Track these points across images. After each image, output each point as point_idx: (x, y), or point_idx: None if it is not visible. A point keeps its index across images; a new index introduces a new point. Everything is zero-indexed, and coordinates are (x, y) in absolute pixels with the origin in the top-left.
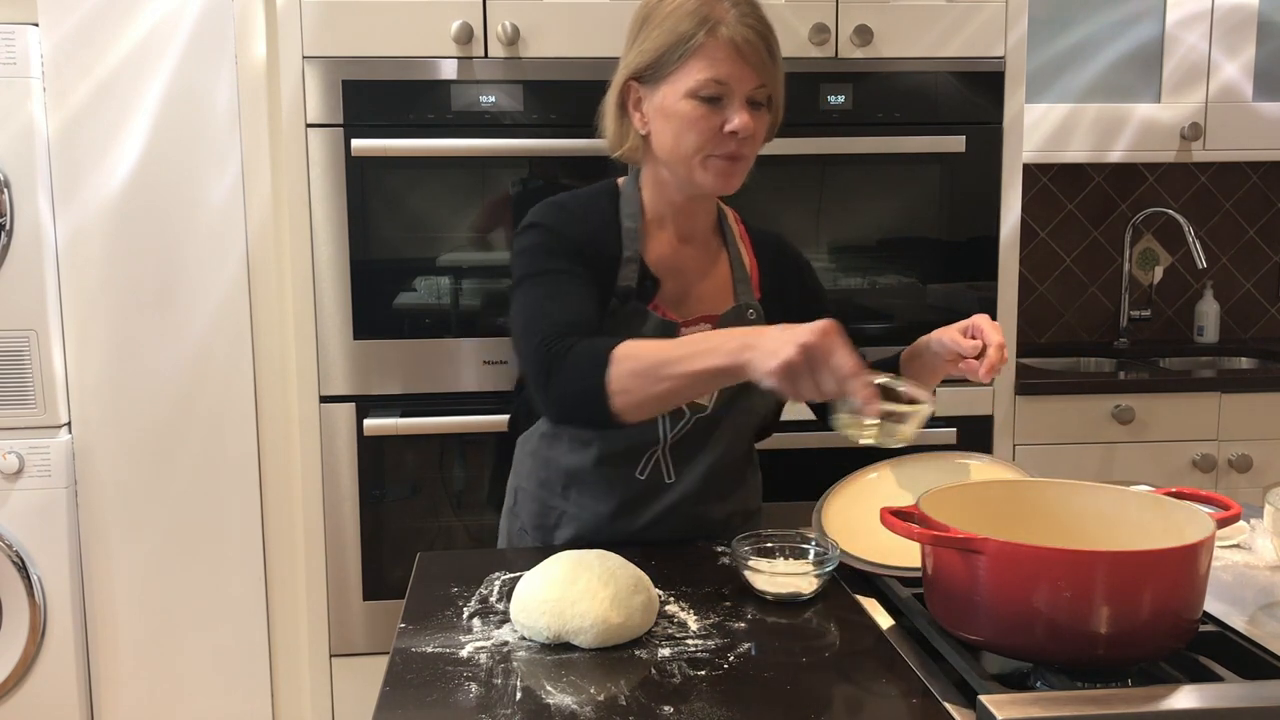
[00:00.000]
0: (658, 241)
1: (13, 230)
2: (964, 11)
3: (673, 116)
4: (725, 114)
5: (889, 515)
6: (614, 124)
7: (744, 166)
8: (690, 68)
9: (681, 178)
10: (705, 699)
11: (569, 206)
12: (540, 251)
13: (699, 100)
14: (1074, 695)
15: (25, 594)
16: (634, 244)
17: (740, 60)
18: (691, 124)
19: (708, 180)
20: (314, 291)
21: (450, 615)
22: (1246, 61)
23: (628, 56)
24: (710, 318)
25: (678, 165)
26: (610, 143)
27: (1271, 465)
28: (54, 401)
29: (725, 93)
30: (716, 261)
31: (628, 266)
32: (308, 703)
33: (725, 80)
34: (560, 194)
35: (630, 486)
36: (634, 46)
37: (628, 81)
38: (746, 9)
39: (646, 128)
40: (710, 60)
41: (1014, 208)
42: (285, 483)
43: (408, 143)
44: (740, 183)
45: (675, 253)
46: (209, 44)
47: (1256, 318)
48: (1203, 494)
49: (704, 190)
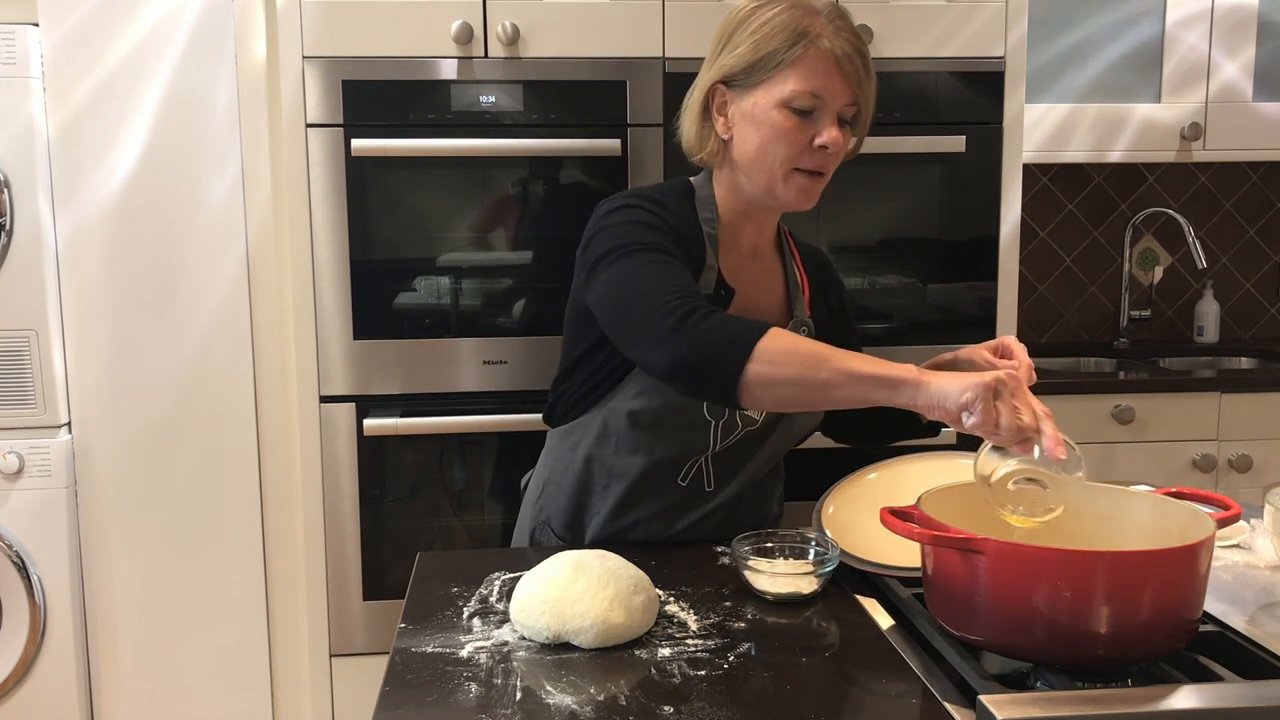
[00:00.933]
0: (730, 250)
1: (13, 230)
2: (964, 11)
3: (762, 124)
4: (816, 127)
5: (889, 515)
6: (695, 126)
7: (823, 184)
8: (786, 77)
9: (760, 188)
10: (705, 699)
11: (660, 200)
12: (644, 227)
13: (791, 111)
14: (1074, 695)
15: (25, 594)
16: (714, 249)
17: (838, 74)
18: (782, 134)
19: (788, 196)
20: (314, 291)
21: (450, 615)
22: (1246, 61)
23: (719, 59)
24: None
25: (759, 175)
26: (689, 145)
27: (1271, 465)
28: (54, 401)
29: (819, 106)
30: (775, 275)
31: (707, 273)
32: (308, 703)
33: (820, 94)
34: (638, 187)
35: (672, 493)
36: (725, 50)
37: (715, 84)
38: (843, 25)
39: (730, 133)
40: (808, 71)
41: (1014, 208)
42: (285, 483)
43: (408, 143)
44: (816, 200)
45: (744, 263)
46: (209, 44)
47: (1256, 318)
48: (1203, 494)
49: (781, 205)
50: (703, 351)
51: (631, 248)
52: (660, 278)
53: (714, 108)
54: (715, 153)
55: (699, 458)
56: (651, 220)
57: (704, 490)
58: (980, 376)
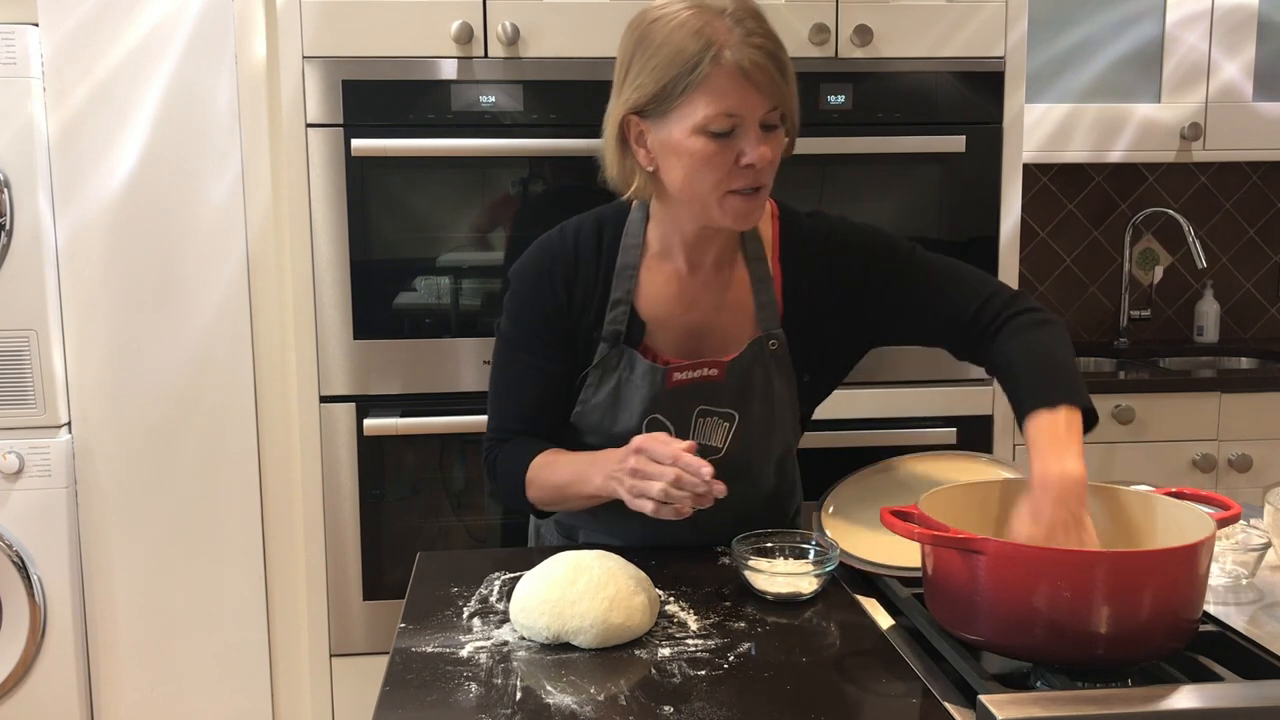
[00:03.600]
0: (659, 275)
1: (13, 230)
2: (964, 11)
3: (683, 154)
4: (739, 145)
5: (889, 515)
6: (616, 162)
7: (764, 197)
8: (696, 101)
9: (697, 216)
10: (705, 699)
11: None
12: (511, 318)
13: (709, 136)
14: (1074, 695)
15: (25, 594)
16: (626, 284)
17: (750, 87)
18: (704, 161)
19: (726, 220)
20: (314, 291)
21: (450, 615)
22: (1246, 61)
23: (624, 89)
24: (715, 363)
25: (693, 204)
26: (614, 183)
27: (1271, 465)
28: (54, 401)
29: (737, 124)
30: (733, 287)
31: (617, 308)
32: (308, 703)
33: (735, 111)
34: (568, 221)
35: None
36: (629, 77)
37: (627, 116)
38: (751, 24)
39: (653, 164)
40: (717, 92)
41: (1014, 208)
42: (285, 483)
43: (408, 143)
44: (761, 215)
45: (681, 287)
46: (209, 44)
47: (1256, 318)
48: (1203, 494)
49: (722, 227)
50: (502, 493)
51: (500, 339)
52: (492, 408)
53: (631, 140)
54: (644, 186)
55: None
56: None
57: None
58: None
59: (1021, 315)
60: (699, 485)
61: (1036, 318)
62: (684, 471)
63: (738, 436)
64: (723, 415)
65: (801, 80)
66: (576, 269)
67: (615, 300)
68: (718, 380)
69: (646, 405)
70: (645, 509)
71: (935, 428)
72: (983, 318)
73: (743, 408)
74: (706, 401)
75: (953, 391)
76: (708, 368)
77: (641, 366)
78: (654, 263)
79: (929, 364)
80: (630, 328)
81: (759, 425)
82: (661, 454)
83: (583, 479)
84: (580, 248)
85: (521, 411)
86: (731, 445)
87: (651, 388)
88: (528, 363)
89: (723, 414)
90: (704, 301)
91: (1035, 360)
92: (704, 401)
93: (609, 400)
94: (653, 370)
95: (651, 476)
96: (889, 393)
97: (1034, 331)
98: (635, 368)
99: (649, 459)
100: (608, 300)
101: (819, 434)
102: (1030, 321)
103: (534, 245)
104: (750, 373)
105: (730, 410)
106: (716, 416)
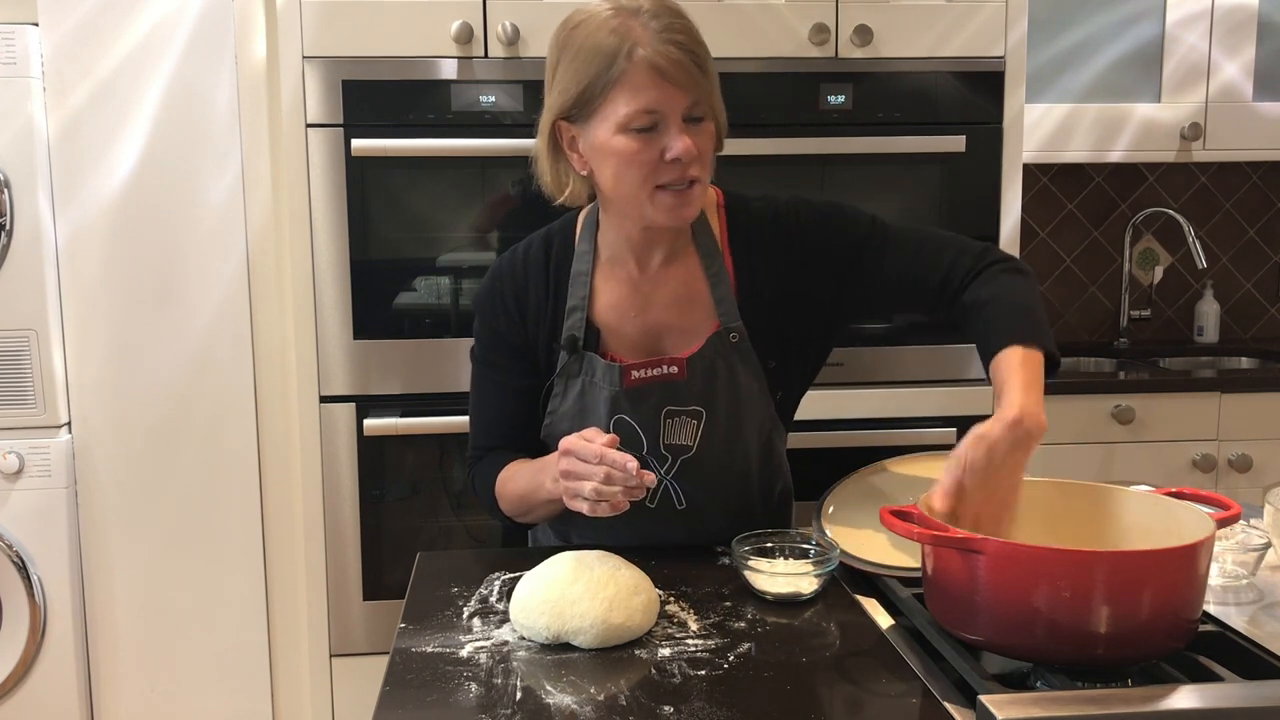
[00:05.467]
0: (611, 280)
1: (13, 230)
2: (964, 11)
3: (609, 154)
4: (662, 140)
5: (889, 515)
6: (549, 169)
7: (698, 191)
8: (615, 99)
9: (633, 216)
10: (705, 699)
11: (509, 269)
12: (477, 345)
13: (632, 133)
14: (1074, 695)
15: (25, 594)
16: (581, 291)
17: (665, 83)
18: (629, 159)
19: (660, 217)
20: (314, 291)
21: (450, 615)
22: (1246, 61)
23: (550, 96)
24: (675, 360)
25: (625, 204)
26: (549, 190)
27: (1271, 465)
28: (54, 401)
29: (658, 120)
30: (687, 282)
31: (573, 315)
32: (308, 703)
33: (654, 108)
34: (516, 246)
35: (642, 512)
36: (555, 82)
37: (556, 122)
38: (666, 19)
39: (586, 168)
40: (634, 88)
41: (1014, 208)
42: (285, 483)
43: (408, 143)
44: (697, 210)
45: (634, 289)
46: (209, 44)
47: (1256, 318)
48: (1203, 494)
49: (659, 225)
50: (484, 507)
51: (472, 360)
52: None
53: (564, 145)
54: (579, 192)
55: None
56: (479, 332)
57: (676, 509)
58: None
59: (991, 266)
60: (628, 479)
61: (1003, 267)
62: (611, 468)
63: (707, 433)
64: (690, 413)
65: (802, 80)
66: (527, 285)
67: (571, 307)
68: (680, 379)
69: (609, 407)
70: (582, 509)
71: (935, 428)
72: (954, 276)
73: (709, 404)
74: (672, 402)
75: (953, 391)
76: (668, 365)
77: (600, 367)
78: (606, 268)
79: (929, 364)
80: (587, 334)
81: (727, 420)
82: (587, 453)
83: (536, 486)
84: (529, 264)
85: (495, 429)
86: (702, 442)
87: (611, 387)
88: (496, 380)
89: (690, 412)
90: (658, 301)
91: (1001, 306)
92: (670, 402)
93: (575, 408)
94: (610, 369)
95: (581, 476)
96: (889, 393)
97: (1000, 279)
98: (595, 371)
99: (577, 459)
100: (562, 310)
101: (819, 434)
102: (998, 270)
103: (488, 270)
104: (713, 368)
105: (697, 408)
106: (684, 415)
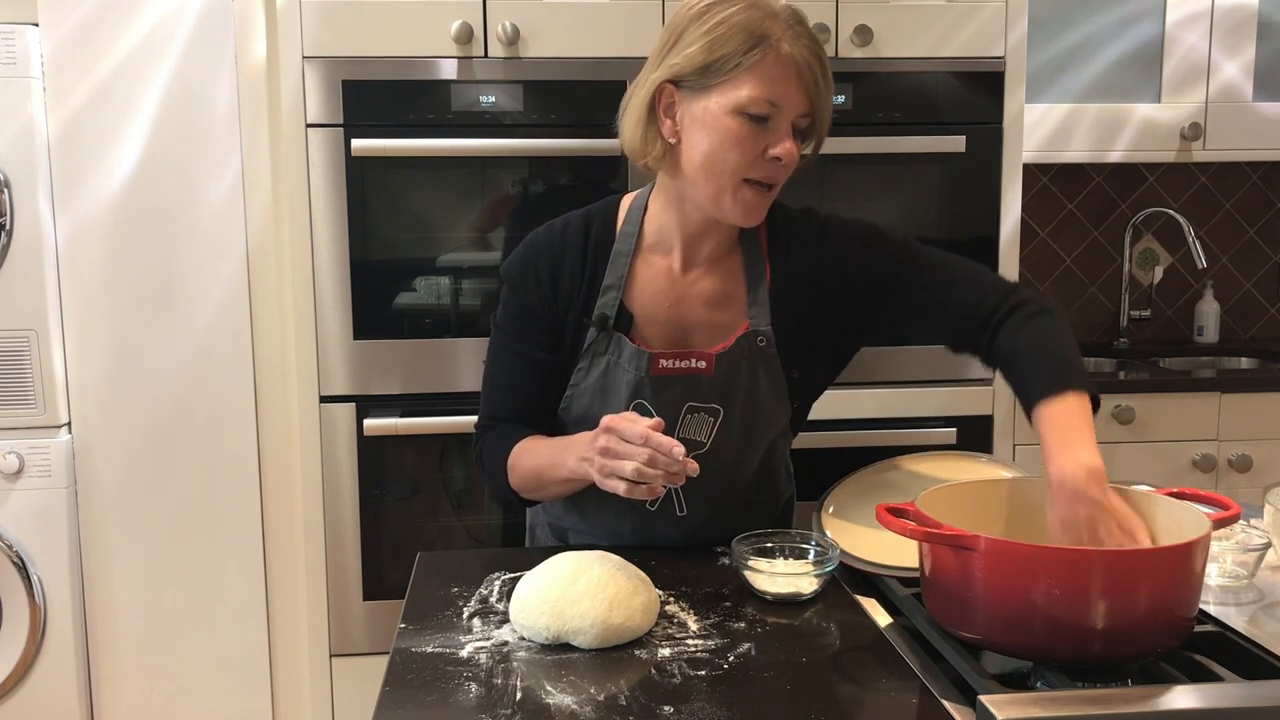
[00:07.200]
0: (650, 269)
1: (13, 230)
2: (964, 11)
3: (714, 130)
4: (771, 137)
5: (885, 512)
6: (638, 128)
7: (773, 197)
8: (743, 82)
9: (707, 198)
10: (705, 699)
11: (546, 241)
12: (503, 315)
13: (747, 118)
14: (1074, 695)
15: (25, 594)
16: (619, 270)
17: (797, 82)
18: (735, 142)
19: (735, 210)
20: (314, 291)
21: (450, 615)
22: (1246, 61)
23: (668, 57)
24: (704, 355)
25: (707, 184)
26: (631, 149)
27: (1271, 465)
28: (54, 401)
29: (775, 114)
30: (729, 281)
31: (608, 294)
32: (308, 703)
33: (778, 101)
34: (552, 221)
35: (640, 516)
36: (676, 48)
37: (663, 84)
38: (802, 30)
39: (677, 136)
40: (766, 77)
41: (1014, 208)
42: (285, 483)
43: (408, 143)
44: (765, 214)
45: (671, 283)
46: (209, 44)
47: (1256, 318)
48: (1203, 494)
49: (726, 219)
50: (488, 479)
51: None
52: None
53: (660, 108)
54: (660, 157)
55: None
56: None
57: (676, 514)
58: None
59: (1020, 308)
60: (672, 464)
61: (1033, 309)
62: (655, 451)
63: (722, 432)
64: (709, 410)
65: None
66: (562, 260)
67: (607, 286)
68: (706, 374)
69: (632, 391)
70: (618, 489)
71: (935, 428)
72: (981, 314)
73: (727, 403)
74: (694, 397)
75: (953, 391)
76: (696, 359)
77: (629, 350)
78: (647, 255)
79: (929, 364)
80: (619, 316)
81: (742, 421)
82: (631, 433)
83: (557, 463)
84: (567, 239)
85: (511, 400)
86: (716, 440)
87: (637, 372)
88: (518, 352)
89: (709, 409)
90: (694, 297)
91: (1036, 351)
92: (692, 397)
93: (597, 385)
94: (638, 354)
95: (623, 456)
96: (889, 393)
97: (1032, 322)
98: (623, 352)
99: (619, 439)
100: (597, 287)
101: (819, 434)
102: (1028, 313)
103: (522, 241)
104: (736, 367)
105: (715, 405)
106: (703, 412)
